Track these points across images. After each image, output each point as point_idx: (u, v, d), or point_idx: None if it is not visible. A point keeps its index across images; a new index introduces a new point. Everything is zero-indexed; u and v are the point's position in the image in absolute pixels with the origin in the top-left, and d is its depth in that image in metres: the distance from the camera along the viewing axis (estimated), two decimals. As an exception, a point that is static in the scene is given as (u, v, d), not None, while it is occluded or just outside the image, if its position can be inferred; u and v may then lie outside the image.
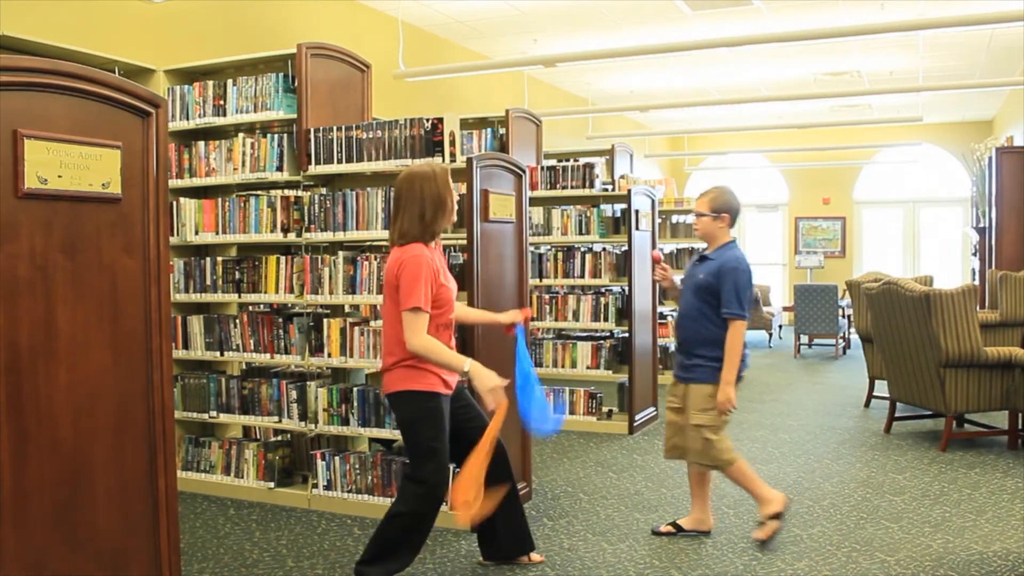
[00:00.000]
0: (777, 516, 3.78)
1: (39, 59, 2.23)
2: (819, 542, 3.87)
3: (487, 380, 3.10)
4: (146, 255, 2.46)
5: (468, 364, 3.12)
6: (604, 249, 6.49)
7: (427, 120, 4.14)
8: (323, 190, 4.47)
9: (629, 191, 6.21)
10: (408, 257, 3.13)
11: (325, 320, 4.36)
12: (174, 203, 4.65)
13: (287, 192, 4.62)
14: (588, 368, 6.38)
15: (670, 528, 3.98)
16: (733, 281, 3.70)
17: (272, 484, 4.53)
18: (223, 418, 4.66)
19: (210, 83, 4.69)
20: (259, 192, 4.70)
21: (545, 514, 4.32)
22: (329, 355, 4.34)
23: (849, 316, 10.80)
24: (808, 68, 10.06)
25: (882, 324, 5.97)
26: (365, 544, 3.83)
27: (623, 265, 6.31)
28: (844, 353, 10.84)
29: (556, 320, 6.45)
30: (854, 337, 11.27)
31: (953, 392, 5.49)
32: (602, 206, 6.49)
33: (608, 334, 6.66)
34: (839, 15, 7.69)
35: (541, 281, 6.48)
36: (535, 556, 3.66)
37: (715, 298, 3.73)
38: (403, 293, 3.09)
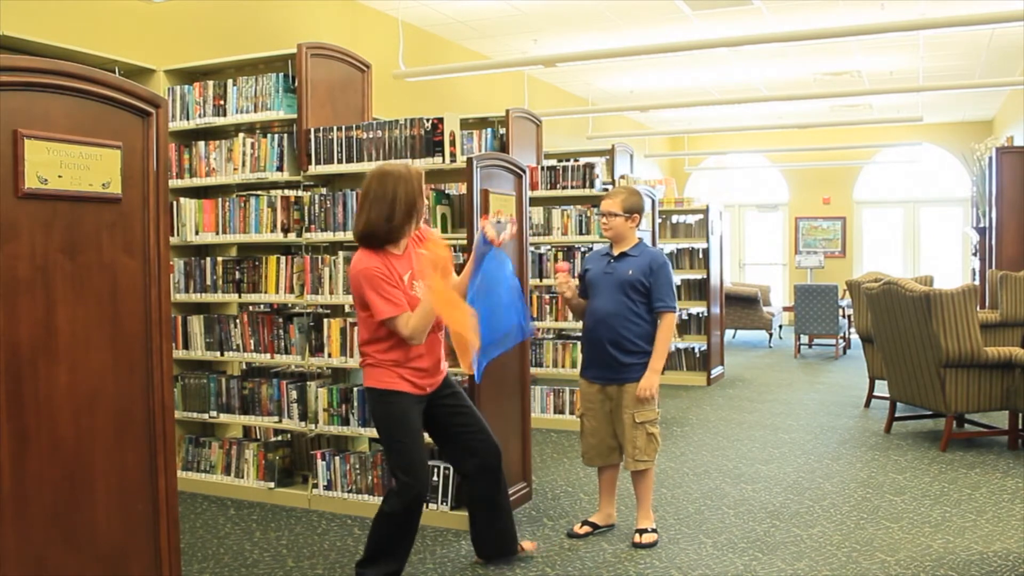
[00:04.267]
0: (655, 531, 3.91)
1: (39, 59, 2.23)
2: (819, 542, 3.87)
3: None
4: (146, 255, 2.46)
5: (419, 288, 3.16)
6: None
7: (427, 120, 4.14)
8: (323, 190, 4.47)
9: (629, 191, 6.20)
10: (357, 272, 3.12)
11: (325, 320, 4.36)
12: (174, 203, 4.65)
13: (287, 192, 4.62)
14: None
15: (587, 528, 4.00)
16: (666, 276, 3.85)
17: (272, 484, 4.53)
18: (223, 418, 4.66)
19: (210, 83, 4.69)
20: (259, 192, 4.71)
21: (545, 514, 4.32)
22: (329, 355, 4.34)
23: (849, 316, 10.79)
24: (808, 68, 10.06)
25: (882, 324, 5.97)
26: (365, 544, 3.85)
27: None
28: (844, 353, 10.84)
29: (556, 320, 6.44)
30: (854, 337, 11.27)
31: (953, 392, 5.49)
32: (602, 206, 6.48)
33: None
34: (839, 15, 7.68)
35: (541, 281, 6.48)
36: (526, 544, 3.71)
37: (643, 295, 3.81)
38: (373, 310, 3.11)
